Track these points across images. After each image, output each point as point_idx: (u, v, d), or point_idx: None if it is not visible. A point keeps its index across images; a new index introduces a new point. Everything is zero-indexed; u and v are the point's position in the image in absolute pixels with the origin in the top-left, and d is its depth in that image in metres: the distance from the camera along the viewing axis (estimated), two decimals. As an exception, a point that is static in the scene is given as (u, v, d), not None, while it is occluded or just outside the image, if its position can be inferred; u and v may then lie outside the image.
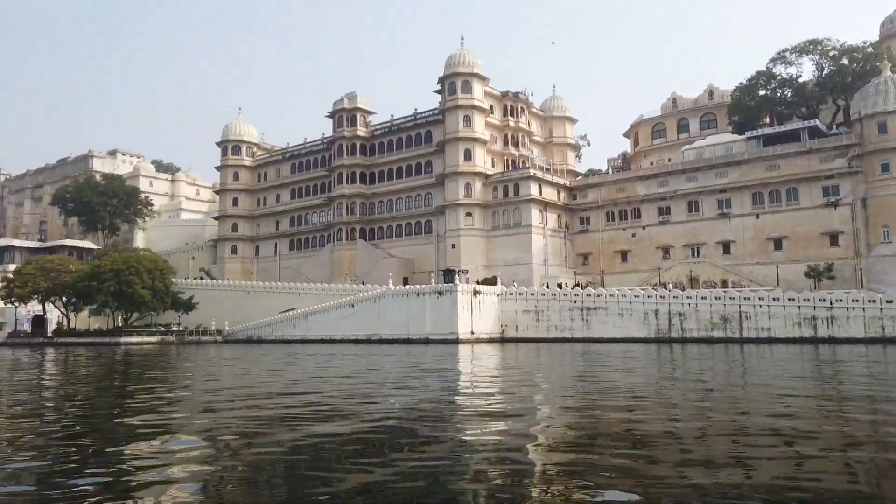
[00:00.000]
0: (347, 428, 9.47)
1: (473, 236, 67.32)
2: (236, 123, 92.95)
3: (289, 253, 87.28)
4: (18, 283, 66.09)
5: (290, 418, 10.54)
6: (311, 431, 9.02)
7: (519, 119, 75.48)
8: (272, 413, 11.55)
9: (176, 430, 9.76)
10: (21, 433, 9.62)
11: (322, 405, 12.39)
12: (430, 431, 9.15)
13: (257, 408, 12.29)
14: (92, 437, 9.31)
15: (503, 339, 55.97)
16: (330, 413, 11.39)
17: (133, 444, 8.54)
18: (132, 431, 9.63)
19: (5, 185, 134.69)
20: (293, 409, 11.94)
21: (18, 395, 16.15)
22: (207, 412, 11.73)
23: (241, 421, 10.63)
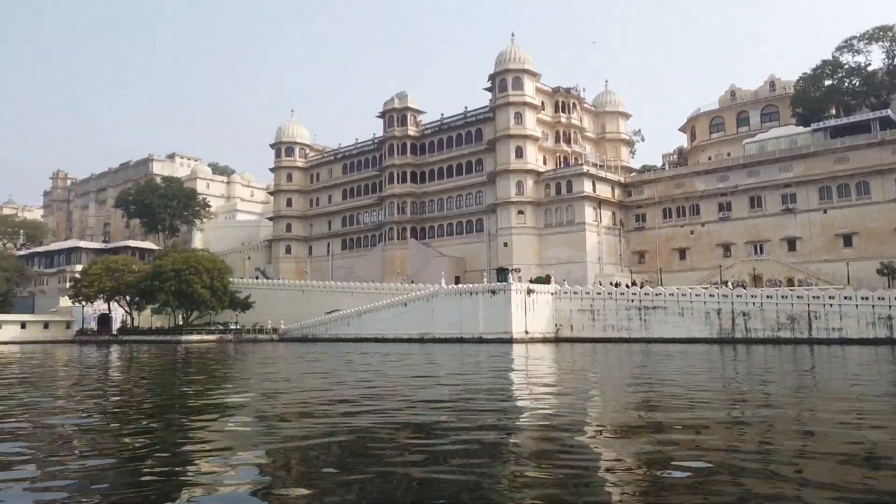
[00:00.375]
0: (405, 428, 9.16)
1: (525, 235, 66.54)
2: (289, 125, 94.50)
3: (341, 252, 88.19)
4: (85, 283, 68.64)
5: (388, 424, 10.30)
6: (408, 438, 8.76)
7: (571, 115, 74.25)
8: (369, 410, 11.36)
9: (289, 430, 9.63)
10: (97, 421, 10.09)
11: (408, 410, 12.13)
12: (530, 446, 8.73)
13: (351, 415, 12.08)
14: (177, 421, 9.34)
15: (557, 338, 55.04)
16: (420, 423, 11.11)
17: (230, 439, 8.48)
18: (221, 430, 9.57)
19: (71, 189, 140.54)
20: (386, 411, 11.71)
21: (104, 385, 16.52)
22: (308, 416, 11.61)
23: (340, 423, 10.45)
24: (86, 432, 9.57)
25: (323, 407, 12.43)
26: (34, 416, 11.35)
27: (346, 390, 15.87)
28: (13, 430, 9.60)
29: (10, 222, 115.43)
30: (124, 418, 11.20)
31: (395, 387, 16.63)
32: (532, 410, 11.72)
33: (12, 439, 8.86)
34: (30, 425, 10.18)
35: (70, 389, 17.00)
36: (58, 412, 12.18)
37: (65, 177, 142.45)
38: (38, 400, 14.26)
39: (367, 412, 11.38)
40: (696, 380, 17.88)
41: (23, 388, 17.25)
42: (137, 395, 15.51)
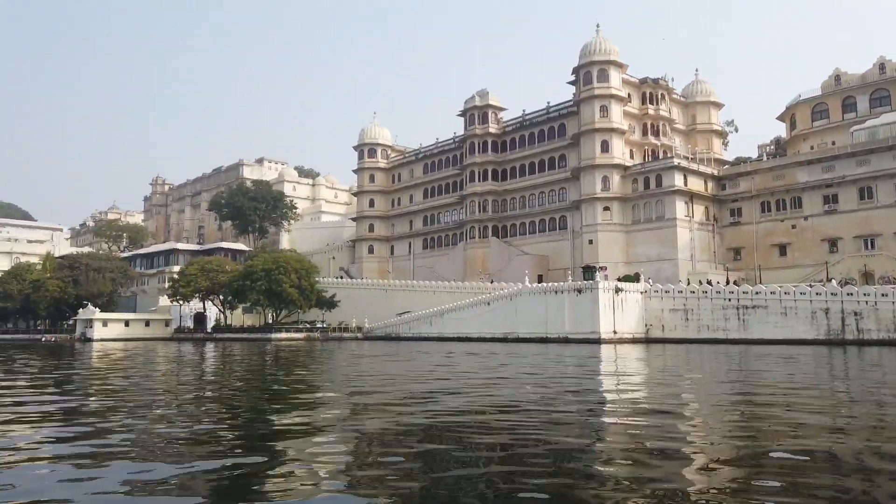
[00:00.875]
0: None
1: (612, 231, 64.33)
2: (371, 127, 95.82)
3: (422, 252, 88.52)
4: (182, 283, 71.91)
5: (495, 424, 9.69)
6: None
7: (659, 106, 71.26)
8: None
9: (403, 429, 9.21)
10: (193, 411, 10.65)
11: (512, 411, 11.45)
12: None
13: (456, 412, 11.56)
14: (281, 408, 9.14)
15: (648, 339, 52.87)
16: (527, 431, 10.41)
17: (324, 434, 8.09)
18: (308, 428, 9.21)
19: (169, 194, 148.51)
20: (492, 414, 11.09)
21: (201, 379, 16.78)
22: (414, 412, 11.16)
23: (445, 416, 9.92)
24: (185, 426, 10.12)
25: (433, 410, 11.90)
26: (174, 399, 12.61)
27: (451, 395, 15.31)
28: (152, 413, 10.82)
29: (114, 226, 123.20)
30: (226, 411, 11.09)
31: (486, 385, 15.96)
32: (625, 413, 10.99)
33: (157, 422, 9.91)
34: (168, 410, 11.43)
35: (179, 382, 17.39)
36: (167, 403, 13.13)
37: (163, 182, 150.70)
38: (167, 389, 14.53)
39: (463, 412, 10.77)
40: (811, 388, 16.21)
41: (160, 378, 17.78)
42: (255, 388, 15.55)
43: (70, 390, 16.24)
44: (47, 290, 76.72)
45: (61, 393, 15.37)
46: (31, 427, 10.15)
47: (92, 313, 74.06)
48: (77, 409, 12.27)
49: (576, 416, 10.42)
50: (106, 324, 74.31)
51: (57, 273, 79.45)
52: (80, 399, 14.01)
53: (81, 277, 77.37)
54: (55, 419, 11.00)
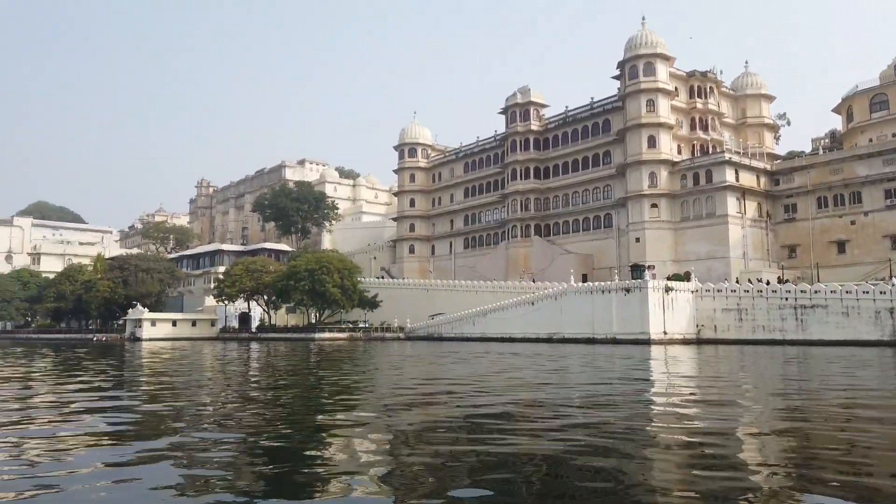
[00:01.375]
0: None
1: (660, 229, 62.57)
2: (412, 127, 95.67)
3: (463, 251, 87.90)
4: (227, 284, 72.78)
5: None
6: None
7: (707, 100, 69.11)
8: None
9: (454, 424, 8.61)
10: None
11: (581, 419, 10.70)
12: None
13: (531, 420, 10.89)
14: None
15: (699, 340, 51.20)
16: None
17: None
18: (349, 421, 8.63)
19: (213, 196, 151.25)
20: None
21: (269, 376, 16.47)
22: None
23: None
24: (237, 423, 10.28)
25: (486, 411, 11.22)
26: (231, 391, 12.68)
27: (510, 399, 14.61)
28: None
29: (161, 228, 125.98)
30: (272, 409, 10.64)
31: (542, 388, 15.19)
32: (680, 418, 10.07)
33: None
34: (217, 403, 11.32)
35: (232, 381, 17.14)
36: (218, 398, 13.32)
37: (207, 185, 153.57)
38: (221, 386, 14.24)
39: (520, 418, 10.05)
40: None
41: (216, 379, 17.60)
42: (306, 387, 15.15)
43: (131, 387, 16.13)
44: (98, 291, 78.67)
45: (121, 389, 15.22)
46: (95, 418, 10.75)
47: (141, 313, 75.62)
48: (131, 407, 12.29)
49: (647, 424, 9.58)
50: (154, 323, 75.77)
51: (107, 274, 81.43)
52: (139, 396, 13.81)
53: (131, 278, 79.12)
54: (112, 415, 11.36)
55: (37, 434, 9.16)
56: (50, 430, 9.35)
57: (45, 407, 12.39)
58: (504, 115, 79.70)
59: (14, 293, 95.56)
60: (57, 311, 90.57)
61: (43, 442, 8.54)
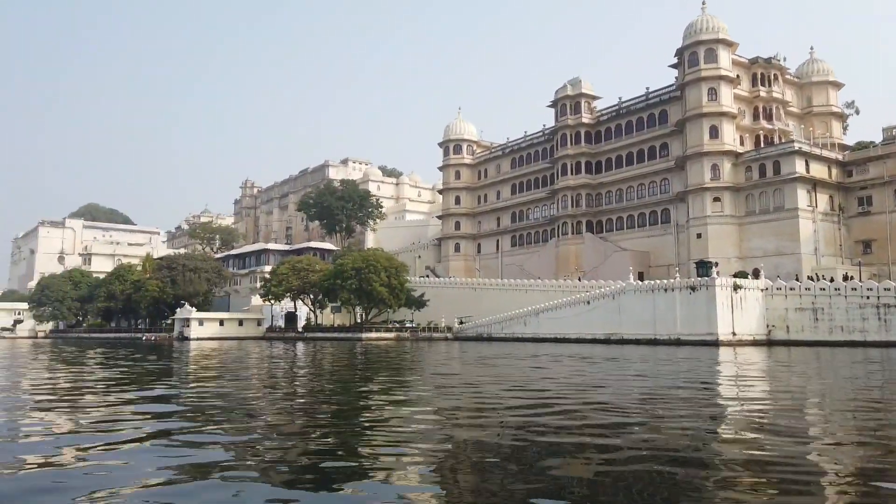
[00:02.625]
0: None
1: (723, 224, 59.25)
2: (456, 123, 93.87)
3: (510, 249, 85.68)
4: (274, 283, 72.05)
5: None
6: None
7: (771, 88, 65.36)
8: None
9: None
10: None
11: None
12: None
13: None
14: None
15: (770, 341, 48.09)
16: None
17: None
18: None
19: (257, 197, 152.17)
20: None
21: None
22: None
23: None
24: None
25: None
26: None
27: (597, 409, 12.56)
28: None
29: (207, 228, 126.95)
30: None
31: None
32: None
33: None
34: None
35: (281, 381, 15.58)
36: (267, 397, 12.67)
37: (252, 185, 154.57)
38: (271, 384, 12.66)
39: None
40: None
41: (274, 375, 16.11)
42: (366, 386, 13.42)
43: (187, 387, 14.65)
44: (147, 290, 79.00)
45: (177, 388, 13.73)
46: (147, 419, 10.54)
47: (189, 313, 75.57)
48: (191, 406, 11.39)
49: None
50: (202, 323, 75.64)
51: (156, 273, 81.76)
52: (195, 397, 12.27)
53: (179, 277, 79.21)
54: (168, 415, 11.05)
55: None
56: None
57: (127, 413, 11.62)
58: (553, 108, 77.16)
59: (66, 293, 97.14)
60: (107, 310, 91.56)
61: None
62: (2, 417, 10.71)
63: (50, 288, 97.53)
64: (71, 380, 18.75)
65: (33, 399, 13.73)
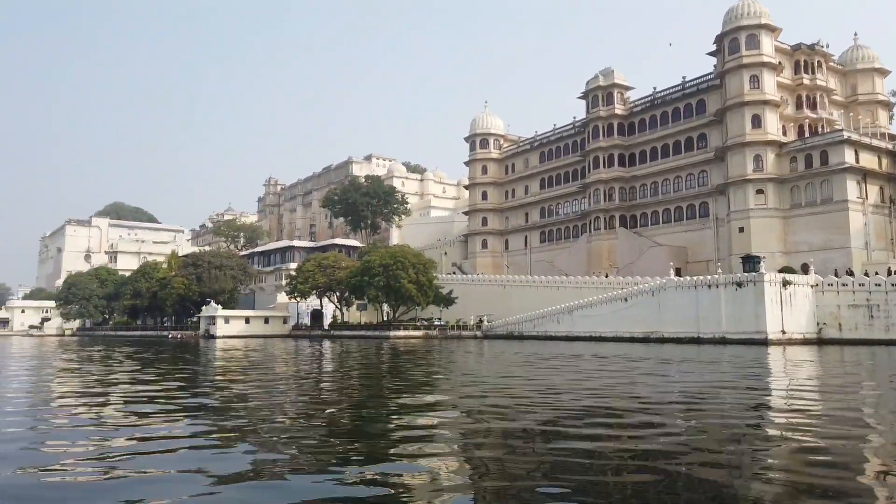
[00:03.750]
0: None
1: (766, 217, 56.69)
2: (483, 117, 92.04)
3: (539, 245, 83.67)
4: (300, 280, 70.99)
5: None
6: None
7: (815, 75, 62.55)
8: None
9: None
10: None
11: None
12: None
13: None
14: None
15: (821, 339, 45.71)
16: None
17: None
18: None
19: (281, 194, 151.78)
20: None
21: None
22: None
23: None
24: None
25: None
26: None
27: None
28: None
29: (232, 226, 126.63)
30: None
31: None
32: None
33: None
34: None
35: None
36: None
37: (275, 183, 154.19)
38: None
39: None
40: None
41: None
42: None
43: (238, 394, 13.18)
44: (173, 288, 78.43)
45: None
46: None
47: (215, 310, 74.82)
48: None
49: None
50: (228, 321, 74.86)
51: (181, 271, 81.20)
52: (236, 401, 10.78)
53: (204, 275, 78.52)
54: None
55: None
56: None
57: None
58: (584, 99, 74.91)
59: (93, 291, 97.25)
60: (133, 308, 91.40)
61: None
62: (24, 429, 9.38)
63: (77, 286, 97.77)
64: (100, 390, 17.41)
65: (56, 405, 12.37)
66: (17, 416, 10.87)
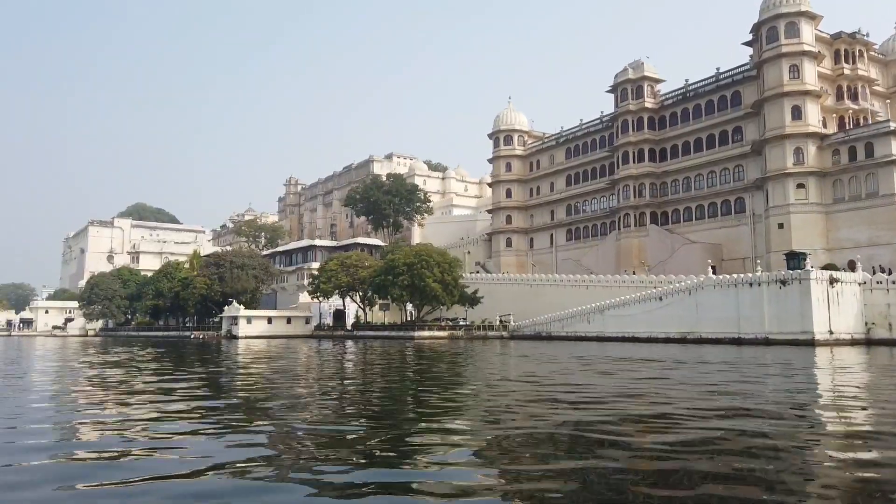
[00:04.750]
0: None
1: (808, 213, 54.36)
2: (507, 113, 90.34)
3: (566, 244, 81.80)
4: (323, 279, 69.80)
5: None
6: None
7: (856, 65, 60.06)
8: None
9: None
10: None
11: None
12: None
13: None
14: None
15: (869, 340, 43.49)
16: None
17: None
18: None
19: (301, 194, 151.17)
20: None
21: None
22: None
23: None
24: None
25: None
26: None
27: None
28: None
29: (254, 225, 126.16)
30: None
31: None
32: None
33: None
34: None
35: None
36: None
37: (296, 183, 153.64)
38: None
39: None
40: None
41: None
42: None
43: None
44: (195, 288, 77.73)
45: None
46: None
47: (237, 310, 73.95)
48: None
49: None
50: (250, 321, 73.95)
51: (203, 271, 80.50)
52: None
53: (226, 275, 77.68)
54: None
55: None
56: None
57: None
58: (613, 93, 72.92)
59: (115, 291, 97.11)
60: (155, 308, 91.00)
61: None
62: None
63: (99, 286, 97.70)
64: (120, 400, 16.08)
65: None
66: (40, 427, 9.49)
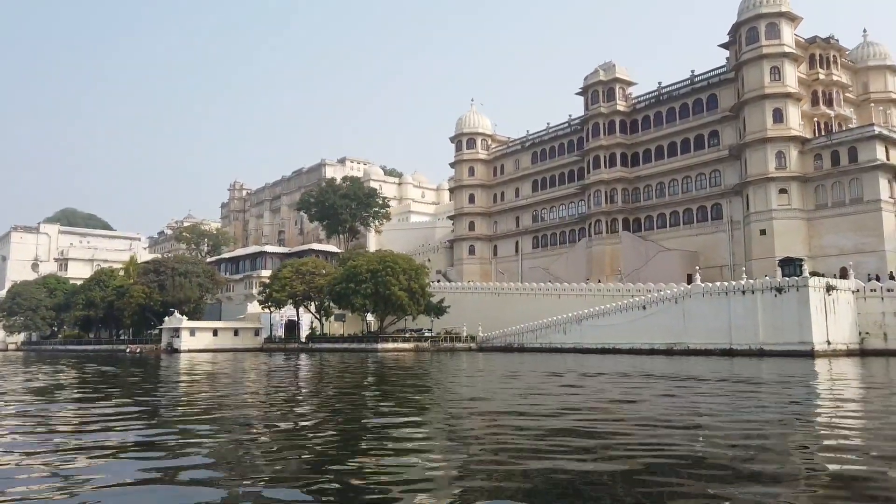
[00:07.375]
0: None
1: (790, 219, 52.72)
2: (470, 115, 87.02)
3: (532, 251, 78.75)
4: (276, 287, 64.45)
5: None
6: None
7: (831, 70, 59.33)
8: None
9: None
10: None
11: None
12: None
13: None
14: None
15: (863, 350, 41.73)
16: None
17: None
18: None
19: (247, 199, 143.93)
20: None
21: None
22: None
23: None
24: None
25: None
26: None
27: None
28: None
29: (196, 230, 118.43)
30: None
31: None
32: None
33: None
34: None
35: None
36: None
37: (241, 187, 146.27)
38: None
39: None
40: None
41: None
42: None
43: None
44: (132, 297, 70.70)
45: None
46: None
47: (179, 321, 67.57)
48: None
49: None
50: (194, 333, 67.72)
51: (141, 278, 73.47)
52: None
53: (168, 282, 70.99)
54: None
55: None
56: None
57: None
58: (583, 95, 70.45)
59: (40, 301, 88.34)
60: (86, 319, 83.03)
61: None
62: None
63: (22, 296, 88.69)
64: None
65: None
66: None
